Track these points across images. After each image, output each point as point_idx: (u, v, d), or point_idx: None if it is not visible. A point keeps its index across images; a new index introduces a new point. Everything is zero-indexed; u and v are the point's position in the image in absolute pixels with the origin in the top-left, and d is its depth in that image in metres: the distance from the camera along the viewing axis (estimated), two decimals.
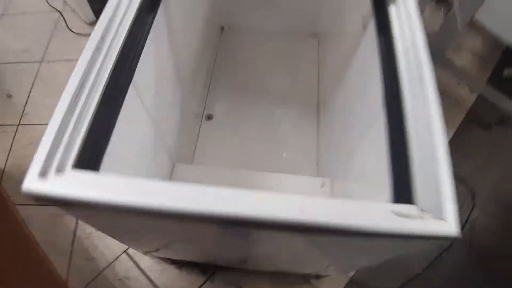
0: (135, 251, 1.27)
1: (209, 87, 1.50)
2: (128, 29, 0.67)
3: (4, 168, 1.41)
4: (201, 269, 1.23)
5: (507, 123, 1.56)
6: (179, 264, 1.24)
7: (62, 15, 1.90)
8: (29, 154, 1.39)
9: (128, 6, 0.69)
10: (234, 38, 1.67)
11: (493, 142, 1.55)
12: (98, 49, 0.62)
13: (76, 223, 1.32)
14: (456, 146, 1.52)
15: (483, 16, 1.33)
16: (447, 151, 0.52)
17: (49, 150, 0.50)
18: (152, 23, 0.75)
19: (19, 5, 1.97)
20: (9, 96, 1.60)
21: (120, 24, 0.67)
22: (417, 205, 0.49)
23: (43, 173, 0.49)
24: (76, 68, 0.59)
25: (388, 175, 0.55)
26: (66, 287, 1.17)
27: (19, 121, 1.52)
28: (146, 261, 1.25)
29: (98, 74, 0.60)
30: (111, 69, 0.61)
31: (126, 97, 0.65)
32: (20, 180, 0.49)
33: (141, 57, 0.70)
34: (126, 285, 1.22)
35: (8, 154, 1.44)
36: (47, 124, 0.52)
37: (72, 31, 1.84)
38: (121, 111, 0.63)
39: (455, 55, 1.79)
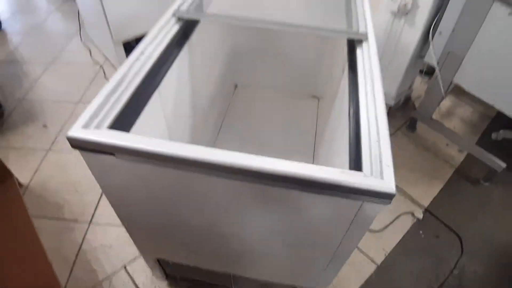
0: (133, 267, 1.36)
1: (219, 130, 1.73)
2: (160, 51, 0.92)
3: (28, 184, 1.59)
4: None
5: (494, 180, 1.69)
6: (173, 281, 1.32)
7: (102, 68, 2.27)
8: (53, 174, 1.61)
9: (163, 37, 0.95)
10: (245, 94, 1.95)
11: (481, 197, 1.66)
12: (137, 59, 0.86)
13: (83, 238, 1.44)
14: (446, 198, 1.64)
15: (461, 80, 1.56)
16: (387, 140, 0.69)
17: (92, 114, 0.70)
18: (178, 54, 1.00)
19: (67, 56, 2.38)
20: (45, 126, 1.86)
21: (155, 47, 0.92)
22: (363, 171, 0.64)
23: (85, 126, 0.68)
24: (121, 66, 0.82)
25: (348, 157, 0.71)
26: None
27: (50, 146, 1.75)
28: (143, 278, 1.34)
29: (135, 74, 0.82)
30: (145, 73, 0.84)
31: (152, 96, 0.86)
32: (40, 195, 0.68)
33: (166, 76, 0.93)
34: None
35: (34, 173, 1.64)
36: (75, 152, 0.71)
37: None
38: (147, 105, 0.84)
39: (445, 120, 2.00)
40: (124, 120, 0.75)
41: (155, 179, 0.73)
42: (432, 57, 1.61)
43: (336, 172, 0.62)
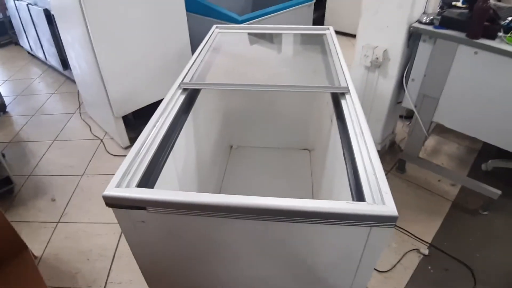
0: None
1: (220, 186, 1.83)
2: (171, 119, 1.06)
3: (41, 256, 1.63)
4: None
5: (492, 209, 1.79)
6: None
7: (102, 141, 2.42)
8: (64, 245, 1.66)
9: (172, 107, 1.11)
10: (240, 153, 2.09)
11: (483, 226, 1.74)
12: (153, 127, 1.00)
13: None
14: (448, 232, 1.72)
15: (440, 119, 1.73)
16: (382, 172, 0.81)
17: (121, 176, 0.81)
18: (185, 120, 1.15)
19: (68, 133, 2.54)
20: (53, 200, 1.94)
21: (167, 116, 1.06)
22: (366, 201, 0.75)
23: (118, 186, 0.78)
24: (140, 136, 0.94)
25: (349, 191, 0.82)
26: None
27: (59, 219, 1.82)
28: None
29: (152, 141, 0.95)
30: (160, 139, 0.97)
31: (168, 159, 0.99)
32: (54, 266, 0.77)
33: (177, 140, 1.06)
34: None
35: (46, 245, 1.68)
36: (83, 222, 0.83)
37: (110, 153, 2.31)
38: (164, 166, 0.96)
39: (432, 158, 2.15)
40: (148, 179, 0.86)
41: (182, 229, 0.81)
42: (409, 102, 1.81)
43: (343, 203, 0.72)
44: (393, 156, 2.16)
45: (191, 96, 1.25)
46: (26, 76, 3.46)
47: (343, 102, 1.12)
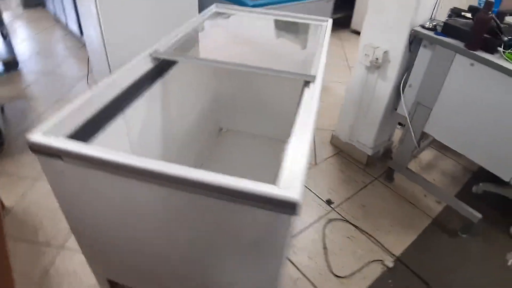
0: None
1: (197, 165, 1.84)
2: (130, 82, 1.07)
3: (12, 207, 1.71)
4: None
5: (472, 232, 1.70)
6: None
7: None
8: (37, 201, 1.74)
9: (136, 71, 1.12)
10: (228, 137, 2.09)
11: (458, 248, 1.66)
12: (108, 86, 1.01)
13: (52, 262, 1.50)
14: (419, 249, 1.66)
15: (431, 130, 1.66)
16: (304, 161, 0.78)
17: (54, 126, 0.83)
18: (148, 87, 1.16)
19: (71, 96, 2.62)
20: None
21: (126, 78, 1.07)
22: (278, 186, 0.73)
23: (45, 134, 0.80)
24: (91, 89, 0.96)
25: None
26: None
27: (40, 176, 1.89)
28: None
29: (102, 97, 0.97)
30: (112, 98, 0.99)
31: (116, 119, 1.00)
32: (21, 219, 0.79)
33: (133, 104, 1.08)
34: None
35: (20, 198, 1.77)
36: None
37: None
38: (108, 125, 0.97)
39: (425, 172, 2.07)
40: (83, 133, 0.88)
41: (95, 185, 0.83)
42: (403, 108, 1.74)
43: (247, 182, 0.70)
44: (384, 163, 2.10)
45: (163, 67, 1.27)
46: (47, 38, 3.61)
47: (306, 90, 1.09)
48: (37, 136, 0.80)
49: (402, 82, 1.73)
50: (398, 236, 1.70)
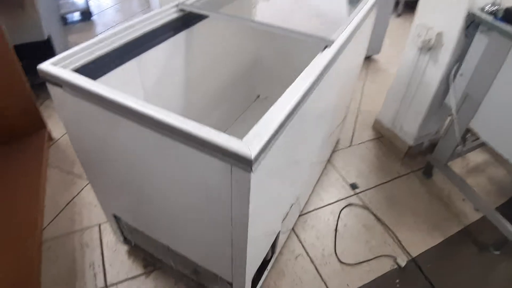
0: (106, 228, 1.52)
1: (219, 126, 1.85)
2: (150, 28, 1.10)
3: (58, 139, 1.91)
4: (144, 264, 1.41)
5: (506, 250, 1.51)
6: (133, 252, 1.44)
7: None
8: None
9: (159, 19, 1.14)
10: (263, 104, 2.06)
11: (484, 264, 1.48)
12: (126, 29, 1.05)
13: (79, 192, 1.66)
14: (440, 255, 1.51)
15: (477, 126, 1.47)
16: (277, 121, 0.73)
17: (62, 59, 0.89)
18: (170, 37, 1.18)
19: None
20: None
21: (147, 24, 1.10)
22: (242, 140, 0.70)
23: (54, 64, 0.86)
24: (109, 30, 1.00)
25: None
26: (37, 228, 1.45)
27: None
28: (109, 239, 1.49)
29: (119, 38, 1.01)
30: (128, 40, 1.03)
31: (128, 63, 1.04)
32: (64, 150, 0.86)
33: (150, 50, 1.11)
34: (83, 250, 1.45)
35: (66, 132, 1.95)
36: None
37: None
38: (119, 67, 1.02)
39: (470, 174, 1.86)
40: (90, 69, 0.93)
41: (90, 118, 0.87)
42: (451, 99, 1.56)
43: (210, 131, 0.69)
44: (426, 157, 1.92)
45: (190, 19, 1.27)
46: None
47: (319, 54, 1.02)
48: (44, 65, 0.86)
49: (454, 69, 1.53)
50: (420, 236, 1.57)
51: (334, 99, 1.31)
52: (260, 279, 1.29)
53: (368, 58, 2.70)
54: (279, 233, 1.23)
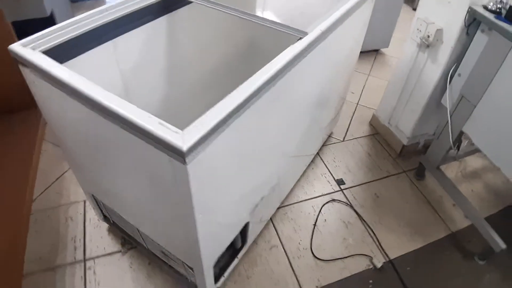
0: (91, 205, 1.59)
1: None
2: (127, 12, 1.10)
3: None
4: (122, 242, 1.46)
5: (491, 261, 1.46)
6: (112, 230, 1.49)
7: None
8: None
9: (137, 2, 1.14)
10: None
11: (467, 274, 1.44)
12: (102, 12, 1.06)
13: (69, 168, 1.73)
14: (421, 260, 1.49)
15: (470, 130, 1.41)
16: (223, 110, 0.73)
17: (32, 40, 0.91)
18: (149, 20, 1.18)
19: None
20: None
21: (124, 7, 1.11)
22: (181, 129, 0.70)
23: (25, 45, 0.89)
24: (85, 14, 1.02)
25: None
26: (26, 201, 1.53)
27: None
28: (92, 216, 1.54)
29: (93, 21, 1.02)
30: (102, 23, 1.04)
31: (102, 46, 1.06)
32: None
33: (126, 34, 1.12)
34: (67, 224, 1.52)
35: None
36: None
37: None
38: (90, 52, 1.03)
39: (466, 180, 1.80)
40: (60, 52, 0.95)
41: (54, 99, 0.90)
42: (447, 100, 1.50)
43: (149, 118, 0.69)
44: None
45: (173, 3, 1.27)
46: None
47: (289, 47, 1.00)
48: (14, 45, 0.89)
49: (452, 69, 1.47)
50: (401, 238, 1.54)
51: (313, 92, 1.28)
52: (229, 266, 1.31)
53: (375, 52, 2.62)
54: (248, 223, 1.24)
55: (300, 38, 1.02)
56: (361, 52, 2.46)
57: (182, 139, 0.66)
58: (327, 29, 1.08)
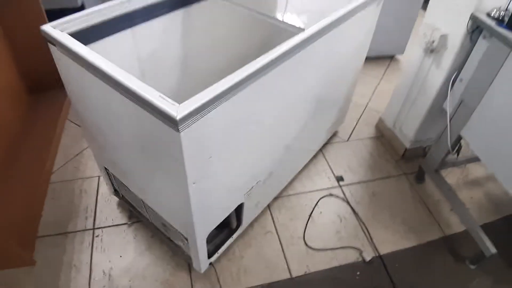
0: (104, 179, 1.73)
1: None
2: (147, 4, 1.23)
3: None
4: (129, 215, 1.59)
5: (482, 266, 1.49)
6: (121, 204, 1.63)
7: None
8: None
9: None
10: None
11: (457, 276, 1.48)
12: (123, 2, 1.19)
13: (87, 147, 1.88)
14: (411, 258, 1.53)
15: (467, 134, 1.46)
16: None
17: (61, 23, 1.05)
18: (167, 13, 1.30)
19: None
20: None
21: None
22: (178, 103, 0.81)
23: (54, 27, 1.02)
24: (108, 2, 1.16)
25: None
26: (46, 171, 1.68)
27: None
28: (104, 190, 1.68)
29: (114, 11, 1.15)
30: (123, 12, 1.17)
31: (121, 33, 1.19)
32: None
33: (145, 23, 1.24)
34: (81, 195, 1.66)
35: None
36: None
37: None
38: (112, 36, 1.16)
39: (466, 186, 1.82)
40: (85, 35, 1.08)
41: (76, 74, 1.03)
42: (448, 104, 1.55)
43: (151, 91, 0.81)
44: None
45: None
46: None
47: (285, 42, 1.09)
48: (46, 26, 1.03)
49: (455, 74, 1.51)
50: (394, 236, 1.60)
51: (312, 88, 1.36)
52: (223, 244, 1.41)
53: (390, 58, 2.66)
54: (242, 205, 1.33)
55: (296, 34, 1.12)
56: (375, 57, 2.54)
57: (177, 109, 0.77)
58: (325, 27, 1.16)
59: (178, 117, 0.76)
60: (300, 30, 1.12)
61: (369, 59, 2.47)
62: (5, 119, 1.67)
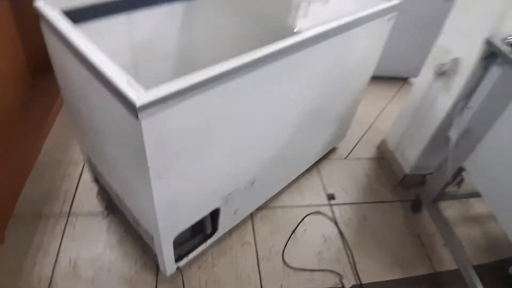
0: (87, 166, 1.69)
1: None
2: None
3: None
4: (106, 206, 1.55)
5: None
6: (101, 194, 1.58)
7: None
8: None
9: None
10: None
11: None
12: None
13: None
14: None
15: (470, 166, 1.36)
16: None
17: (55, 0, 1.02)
18: (163, 3, 1.27)
19: None
20: None
21: None
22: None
23: (45, 4, 1.00)
24: None
25: None
26: (35, 150, 1.66)
27: None
28: (87, 178, 1.64)
29: None
30: None
31: (115, 15, 1.16)
32: None
33: (141, 9, 1.21)
34: (63, 179, 1.63)
35: None
36: None
37: None
38: (105, 18, 1.13)
39: (466, 222, 1.71)
40: (77, 14, 1.05)
41: (59, 52, 1.00)
42: (453, 132, 1.45)
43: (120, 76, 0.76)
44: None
45: None
46: None
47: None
48: (38, 2, 1.00)
49: (464, 101, 1.42)
50: (379, 265, 1.50)
51: (302, 99, 1.29)
52: (194, 249, 1.34)
53: (404, 80, 2.57)
54: (218, 210, 1.27)
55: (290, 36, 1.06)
56: (387, 77, 2.46)
57: (138, 95, 0.72)
58: (320, 34, 1.10)
59: (137, 104, 0.71)
60: (293, 33, 1.06)
61: (381, 79, 2.40)
62: (7, 100, 1.65)
